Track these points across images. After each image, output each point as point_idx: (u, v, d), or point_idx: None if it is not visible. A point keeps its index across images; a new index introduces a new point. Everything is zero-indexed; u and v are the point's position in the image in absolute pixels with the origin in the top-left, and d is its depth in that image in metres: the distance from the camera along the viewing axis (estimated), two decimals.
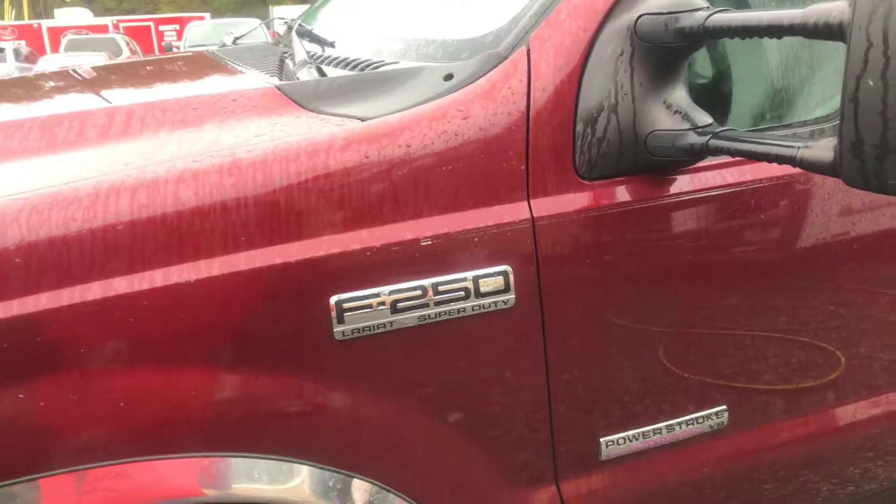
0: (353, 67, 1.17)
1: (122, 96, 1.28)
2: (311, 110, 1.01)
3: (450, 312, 0.92)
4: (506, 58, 0.98)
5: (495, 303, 0.93)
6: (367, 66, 1.14)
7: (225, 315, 0.86)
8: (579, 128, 0.96)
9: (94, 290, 0.82)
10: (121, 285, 0.83)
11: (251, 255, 0.86)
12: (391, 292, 0.89)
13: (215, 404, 0.88)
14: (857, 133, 0.73)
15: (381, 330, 0.90)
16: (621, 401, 1.06)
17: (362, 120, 0.95)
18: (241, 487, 0.90)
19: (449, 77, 1.00)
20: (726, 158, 1.04)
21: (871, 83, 0.70)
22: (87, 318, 0.81)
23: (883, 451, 1.33)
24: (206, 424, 0.88)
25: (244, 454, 0.90)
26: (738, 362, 1.13)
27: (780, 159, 0.84)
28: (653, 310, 1.03)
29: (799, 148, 0.82)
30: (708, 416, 1.11)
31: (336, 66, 1.20)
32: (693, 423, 1.10)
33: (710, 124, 0.95)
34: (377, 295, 0.89)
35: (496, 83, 0.96)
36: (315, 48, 1.34)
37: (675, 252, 1.02)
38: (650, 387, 1.07)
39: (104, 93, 1.27)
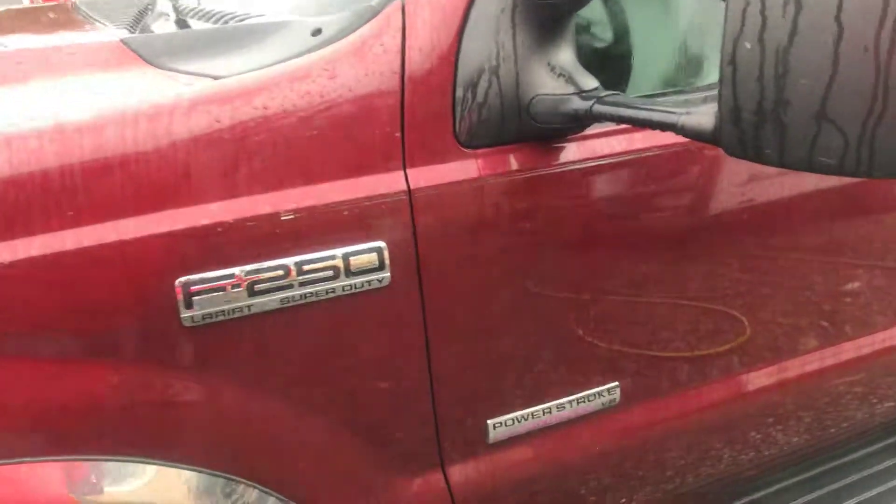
0: (216, 21, 1.05)
1: None
2: (158, 67, 0.90)
3: (317, 293, 0.84)
4: (378, 12, 0.88)
5: (369, 281, 0.86)
6: (231, 19, 1.02)
7: (50, 301, 0.75)
8: (459, 92, 0.89)
9: None
10: None
11: (79, 232, 0.75)
12: (248, 273, 0.80)
13: (47, 402, 0.77)
14: (735, 99, 0.68)
15: (238, 315, 0.81)
16: (508, 380, 1.01)
17: (215, 79, 0.85)
18: (108, 493, 0.80)
19: (317, 32, 0.90)
20: (615, 125, 0.99)
21: (748, 45, 0.66)
22: None
23: (783, 416, 1.35)
24: (41, 425, 0.77)
25: (94, 457, 0.80)
26: (630, 335, 1.10)
27: (663, 126, 0.80)
28: (537, 284, 0.98)
29: (681, 115, 0.78)
30: (599, 393, 1.08)
31: (197, 18, 1.07)
32: (584, 401, 1.07)
33: (595, 88, 0.90)
34: (231, 276, 0.79)
35: (367, 40, 0.87)
36: (180, 0, 1.21)
37: (560, 224, 0.97)
38: (538, 364, 1.02)
39: None
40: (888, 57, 0.60)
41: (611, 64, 1.30)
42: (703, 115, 0.75)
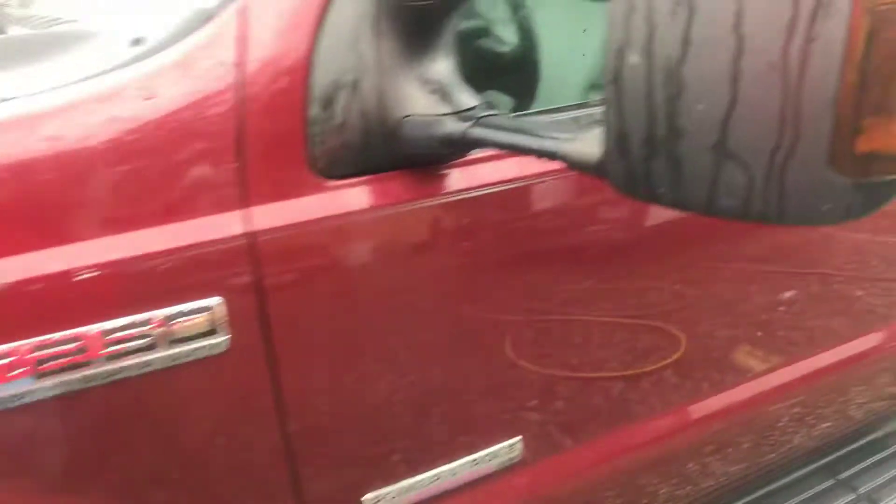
0: (36, 26, 0.87)
1: None
2: None
3: (129, 369, 0.67)
4: (211, 17, 0.73)
5: (198, 349, 0.70)
6: (50, 24, 0.85)
7: None
8: (314, 111, 0.74)
9: None
10: None
11: None
12: (33, 349, 0.63)
13: None
14: (622, 125, 0.55)
15: (20, 402, 0.64)
16: (385, 446, 0.86)
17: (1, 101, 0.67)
18: None
19: (137, 42, 0.73)
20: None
21: (634, 59, 0.53)
22: None
23: (722, 445, 1.26)
24: None
25: None
26: (531, 380, 0.97)
27: (543, 154, 0.66)
28: (414, 332, 0.84)
29: (564, 141, 0.65)
30: (497, 453, 0.94)
31: (17, 25, 0.90)
32: (482, 462, 0.93)
33: (474, 108, 0.76)
34: (7, 355, 0.62)
35: (196, 51, 0.71)
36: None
37: (439, 266, 0.83)
38: (421, 423, 0.88)
39: None
40: (799, 75, 0.48)
41: (517, 74, 1.17)
42: (589, 143, 0.62)
